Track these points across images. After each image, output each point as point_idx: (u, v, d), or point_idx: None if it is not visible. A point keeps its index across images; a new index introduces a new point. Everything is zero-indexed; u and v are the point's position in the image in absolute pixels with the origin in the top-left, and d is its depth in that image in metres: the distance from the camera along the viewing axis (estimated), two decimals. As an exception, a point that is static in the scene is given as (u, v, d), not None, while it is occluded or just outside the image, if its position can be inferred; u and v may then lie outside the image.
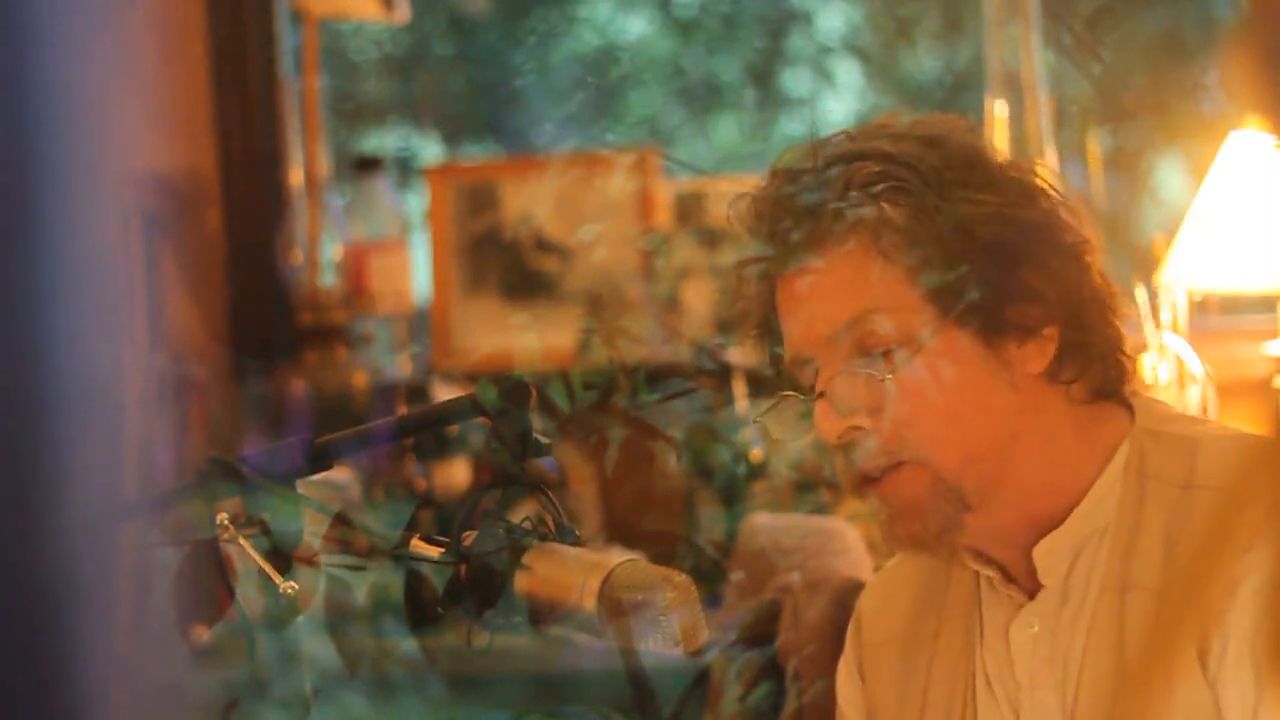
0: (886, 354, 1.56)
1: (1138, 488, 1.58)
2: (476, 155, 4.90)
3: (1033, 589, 1.62)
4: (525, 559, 1.37)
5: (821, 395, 1.57)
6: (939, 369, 1.55)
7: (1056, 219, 1.59)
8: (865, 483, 1.58)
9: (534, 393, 1.43)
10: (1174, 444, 1.59)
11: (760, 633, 2.24)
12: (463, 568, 1.38)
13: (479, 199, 3.85)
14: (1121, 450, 1.60)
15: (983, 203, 1.56)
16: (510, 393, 1.41)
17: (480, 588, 1.37)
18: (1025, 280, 1.56)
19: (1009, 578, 1.64)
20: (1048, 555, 1.60)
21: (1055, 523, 1.60)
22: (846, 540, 2.47)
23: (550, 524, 1.40)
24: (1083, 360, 1.59)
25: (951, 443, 1.56)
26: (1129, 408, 1.63)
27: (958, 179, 1.56)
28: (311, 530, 1.40)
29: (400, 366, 3.80)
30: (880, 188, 1.55)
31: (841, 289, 1.57)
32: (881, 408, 1.55)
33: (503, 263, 3.82)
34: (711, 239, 3.66)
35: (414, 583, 1.39)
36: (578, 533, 1.41)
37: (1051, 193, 1.60)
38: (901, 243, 1.55)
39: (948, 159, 1.57)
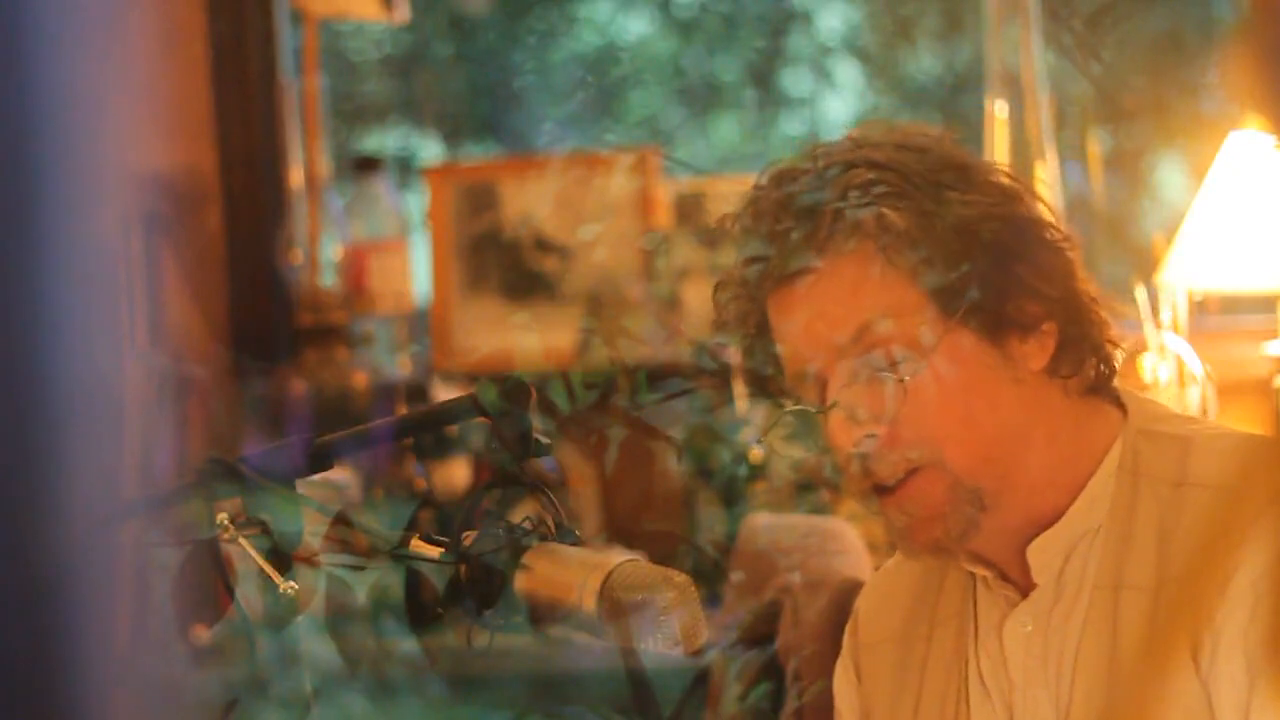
0: (896, 360, 1.56)
1: (1131, 486, 1.59)
2: (476, 155, 4.90)
3: (1027, 588, 1.63)
4: (525, 559, 1.37)
5: (833, 406, 1.58)
6: (948, 370, 1.56)
7: (1040, 217, 1.61)
8: (881, 493, 1.58)
9: (534, 393, 1.43)
10: (1166, 442, 1.60)
11: (760, 633, 2.24)
12: (463, 568, 1.38)
13: (479, 199, 3.85)
14: (1115, 449, 1.61)
15: (973, 203, 1.57)
16: (510, 393, 1.41)
17: (480, 588, 1.37)
18: (1022, 277, 1.58)
19: (1004, 577, 1.64)
20: (1042, 553, 1.61)
21: (1051, 521, 1.61)
22: (846, 540, 2.47)
23: (550, 524, 1.40)
24: (1079, 354, 1.61)
25: (966, 442, 1.57)
26: (1122, 407, 1.64)
27: (945, 182, 1.58)
28: (311, 530, 1.40)
29: (400, 366, 3.80)
30: (877, 191, 1.56)
31: (843, 295, 1.58)
32: (895, 412, 1.56)
33: (503, 263, 3.82)
34: (711, 239, 3.66)
35: (414, 583, 1.39)
36: (578, 533, 1.41)
37: (1029, 193, 1.62)
38: (903, 245, 1.56)
39: (932, 164, 1.59)
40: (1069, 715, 1.58)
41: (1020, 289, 1.57)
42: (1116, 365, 1.65)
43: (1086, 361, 1.61)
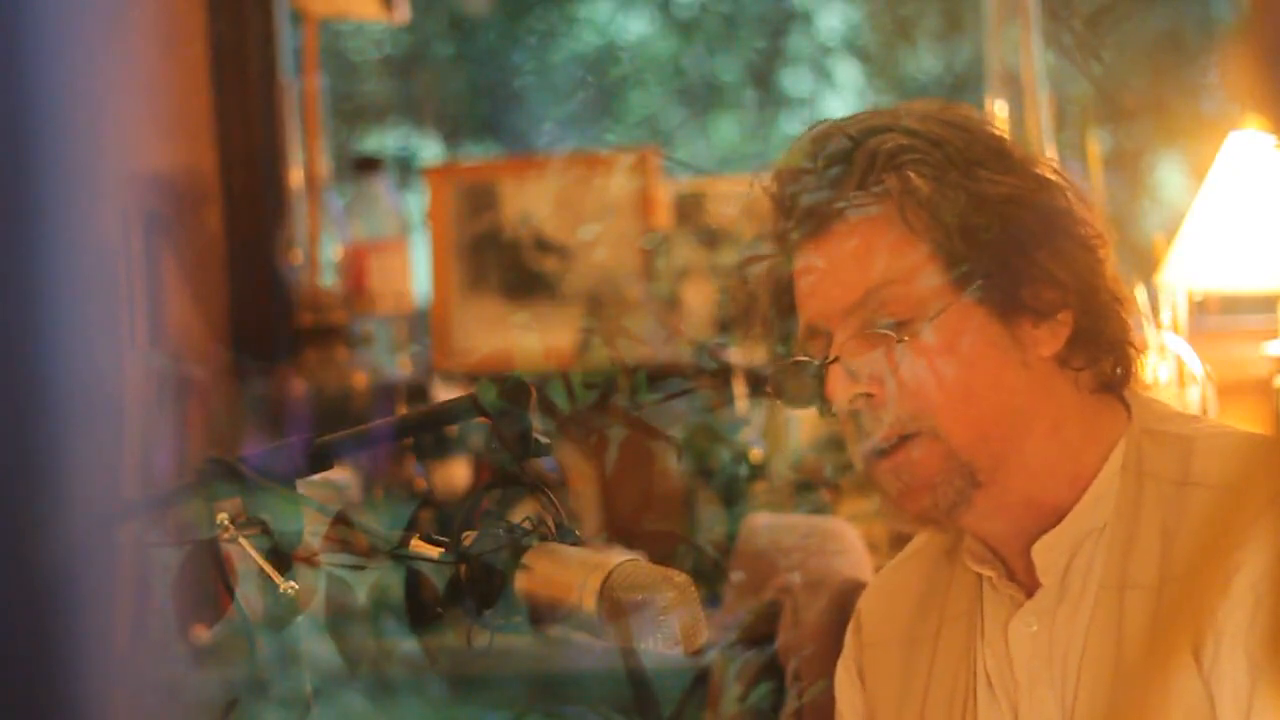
0: (901, 323, 1.57)
1: (1135, 486, 1.60)
2: (476, 155, 4.90)
3: (1032, 587, 1.63)
4: (525, 559, 1.37)
5: (835, 360, 1.58)
6: (953, 341, 1.57)
7: (1073, 210, 1.61)
8: (876, 456, 1.59)
9: (534, 393, 1.43)
10: (1170, 442, 1.60)
11: (760, 633, 2.24)
12: (463, 568, 1.38)
13: (479, 199, 3.85)
14: (1119, 448, 1.62)
15: (1003, 184, 1.58)
16: (510, 393, 1.41)
17: (480, 588, 1.37)
18: (1042, 263, 1.58)
19: (1010, 577, 1.65)
20: (1046, 553, 1.61)
21: (1056, 518, 1.61)
22: (846, 540, 2.47)
23: (550, 524, 1.40)
24: (1093, 349, 1.61)
25: (963, 416, 1.57)
26: (1127, 406, 1.64)
27: (980, 160, 1.59)
28: (311, 530, 1.40)
29: (400, 366, 3.80)
30: (906, 158, 1.58)
31: (861, 258, 1.59)
32: (894, 374, 1.56)
33: (503, 263, 3.82)
34: (711, 239, 3.66)
35: (414, 583, 1.39)
36: (578, 533, 1.41)
37: (1068, 187, 1.62)
38: (925, 214, 1.57)
39: (970, 142, 1.60)
40: (1074, 715, 1.58)
41: (1039, 275, 1.58)
42: (1134, 368, 1.65)
43: (1102, 358, 1.62)
